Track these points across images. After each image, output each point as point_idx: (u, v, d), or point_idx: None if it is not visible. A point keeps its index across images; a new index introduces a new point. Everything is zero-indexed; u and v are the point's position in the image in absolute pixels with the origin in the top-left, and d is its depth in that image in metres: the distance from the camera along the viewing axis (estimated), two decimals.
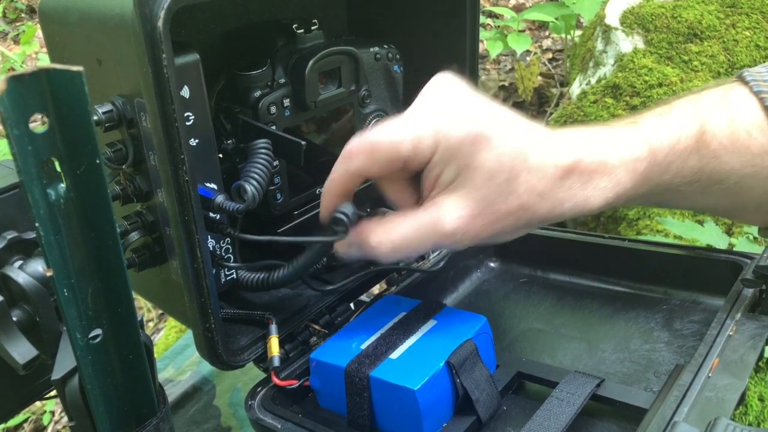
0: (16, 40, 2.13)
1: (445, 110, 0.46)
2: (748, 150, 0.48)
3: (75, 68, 0.31)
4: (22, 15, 2.29)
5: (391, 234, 0.47)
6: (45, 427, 1.16)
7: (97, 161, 0.33)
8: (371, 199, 0.54)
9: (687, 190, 0.50)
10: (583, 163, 0.47)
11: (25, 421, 1.14)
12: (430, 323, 0.51)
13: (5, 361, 0.40)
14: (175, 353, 0.92)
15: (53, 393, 0.48)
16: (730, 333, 0.47)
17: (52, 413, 1.17)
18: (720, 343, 0.45)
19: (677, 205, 0.54)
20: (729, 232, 1.06)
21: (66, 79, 0.31)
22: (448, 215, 0.46)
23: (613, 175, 0.48)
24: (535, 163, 0.46)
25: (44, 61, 1.64)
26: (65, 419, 1.20)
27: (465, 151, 0.45)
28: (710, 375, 0.43)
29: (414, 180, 0.49)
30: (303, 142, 0.50)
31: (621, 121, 0.52)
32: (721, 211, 0.54)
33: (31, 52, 1.81)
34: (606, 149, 0.48)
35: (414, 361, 0.46)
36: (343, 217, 0.47)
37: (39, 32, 2.17)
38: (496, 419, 0.48)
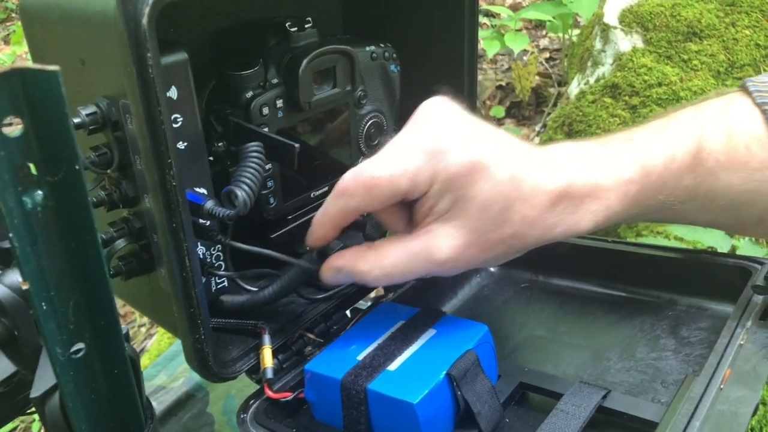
0: (6, 40, 2.10)
1: (440, 140, 0.46)
2: (746, 166, 0.47)
3: (51, 68, 0.29)
4: (13, 15, 2.27)
5: (382, 261, 0.47)
6: None
7: (77, 167, 0.31)
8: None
9: (682, 208, 0.49)
10: (575, 186, 0.47)
11: (14, 429, 1.12)
12: (430, 332, 0.49)
13: None
14: (167, 359, 0.90)
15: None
16: (741, 342, 0.45)
17: None
18: (731, 353, 0.44)
19: (673, 221, 0.53)
20: (731, 235, 1.05)
21: (41, 80, 0.29)
22: (440, 244, 0.46)
23: (604, 199, 0.47)
24: (529, 191, 0.46)
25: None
26: None
27: (461, 182, 0.45)
28: (722, 387, 0.41)
29: (406, 204, 0.49)
30: (297, 145, 0.48)
31: (616, 135, 0.51)
32: (721, 226, 0.53)
33: (21, 52, 1.79)
34: (598, 170, 0.48)
35: (413, 372, 0.45)
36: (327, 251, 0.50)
37: None
38: None
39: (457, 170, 0.45)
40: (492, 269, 0.68)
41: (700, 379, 0.42)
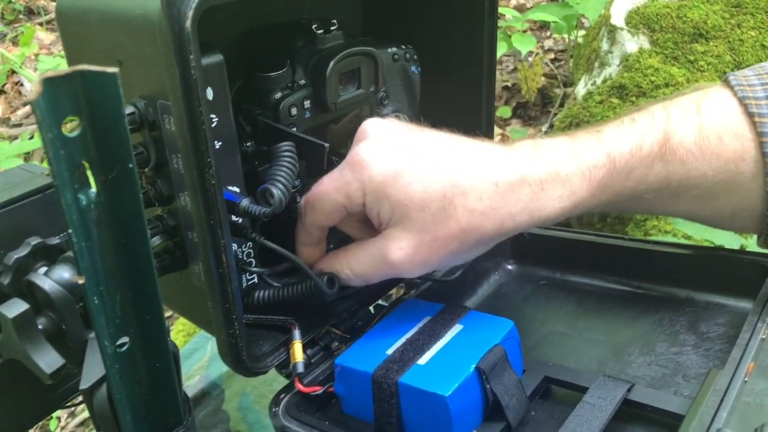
0: (14, 42, 2.11)
1: (368, 155, 0.48)
2: (719, 157, 0.48)
3: (110, 70, 0.30)
4: (21, 16, 2.27)
5: (350, 262, 0.51)
6: None
7: (130, 165, 0.32)
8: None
9: (653, 197, 0.50)
10: (531, 176, 0.48)
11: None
12: (456, 328, 0.50)
13: (26, 370, 0.39)
14: (183, 357, 0.91)
15: (74, 401, 0.47)
16: (763, 337, 0.46)
17: (59, 419, 1.16)
18: (753, 347, 0.45)
19: (647, 212, 0.54)
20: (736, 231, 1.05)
21: (101, 81, 0.30)
22: (392, 246, 0.48)
23: (568, 184, 0.48)
24: (470, 185, 0.47)
25: (44, 62, 1.63)
26: (72, 425, 1.19)
27: (390, 189, 0.47)
28: (746, 380, 0.42)
29: (369, 219, 0.51)
30: (327, 144, 0.49)
31: (585, 131, 0.52)
32: (697, 218, 0.54)
33: (30, 54, 1.80)
34: (559, 160, 0.49)
35: (443, 366, 0.46)
36: (336, 278, 0.52)
37: (38, 34, 2.15)
38: (525, 425, 0.47)
39: (381, 179, 0.47)
40: (509, 267, 0.69)
41: (724, 372, 0.43)
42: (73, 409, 1.17)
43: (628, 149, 0.48)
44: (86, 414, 1.15)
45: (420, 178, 0.47)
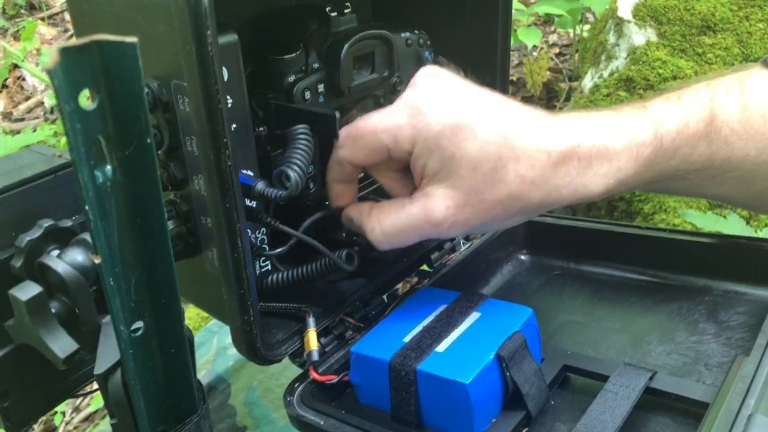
0: (16, 36, 2.10)
1: (426, 102, 0.47)
2: (764, 136, 0.47)
3: (129, 39, 0.29)
4: (22, 11, 2.26)
5: (383, 222, 0.48)
6: (56, 428, 1.14)
7: (148, 141, 0.31)
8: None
9: (696, 177, 0.49)
10: (581, 148, 0.46)
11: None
12: (474, 315, 0.49)
13: (38, 355, 0.38)
14: None
15: (85, 390, 0.46)
16: None
17: (63, 414, 1.14)
18: None
19: (686, 193, 0.53)
20: (747, 224, 1.05)
21: (118, 52, 0.29)
22: (436, 205, 0.46)
23: (615, 161, 0.47)
24: (524, 151, 0.45)
25: (46, 56, 1.62)
26: (76, 420, 1.17)
27: (446, 141, 0.45)
28: None
29: (407, 171, 0.49)
30: (337, 113, 0.47)
31: (629, 105, 0.50)
32: (736, 200, 0.53)
33: (31, 48, 1.79)
34: (608, 134, 0.47)
35: (462, 354, 0.45)
36: (354, 254, 0.52)
37: (39, 28, 2.14)
38: (545, 414, 0.46)
39: (439, 129, 0.46)
40: (522, 257, 0.68)
41: (750, 360, 0.42)
42: (78, 404, 1.16)
43: (674, 127, 0.47)
44: (91, 409, 1.14)
45: (477, 135, 0.45)
